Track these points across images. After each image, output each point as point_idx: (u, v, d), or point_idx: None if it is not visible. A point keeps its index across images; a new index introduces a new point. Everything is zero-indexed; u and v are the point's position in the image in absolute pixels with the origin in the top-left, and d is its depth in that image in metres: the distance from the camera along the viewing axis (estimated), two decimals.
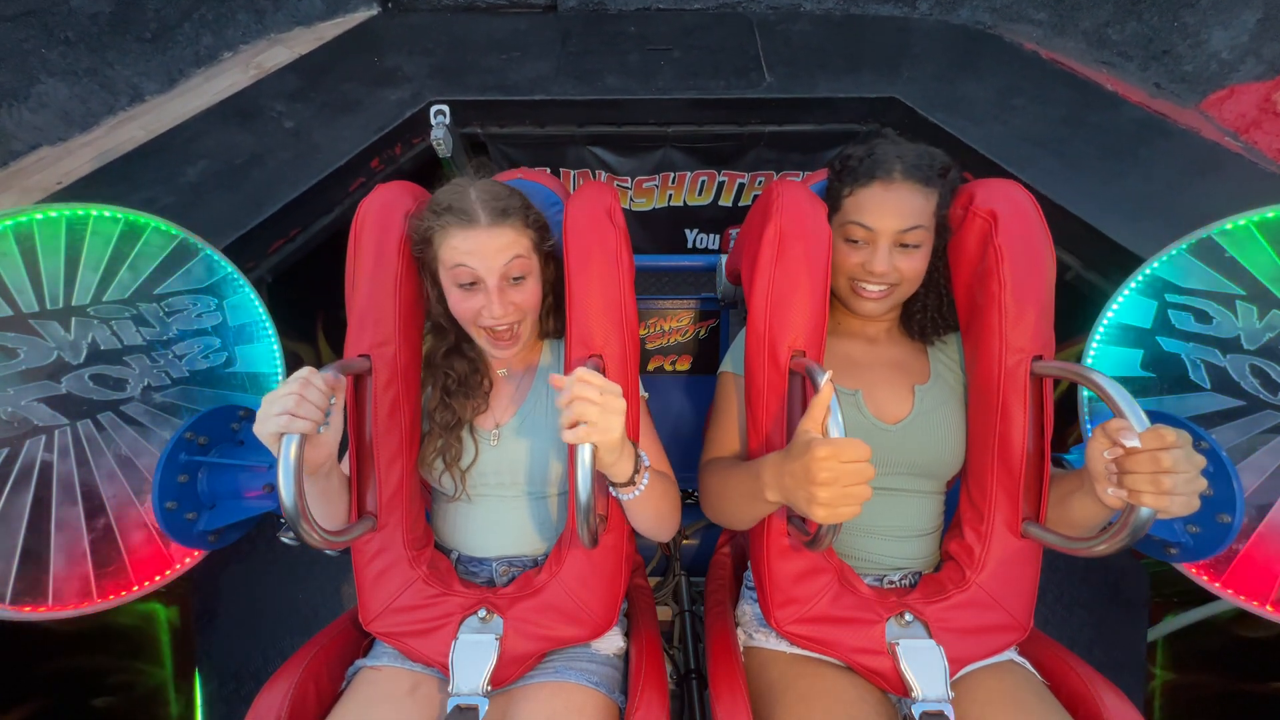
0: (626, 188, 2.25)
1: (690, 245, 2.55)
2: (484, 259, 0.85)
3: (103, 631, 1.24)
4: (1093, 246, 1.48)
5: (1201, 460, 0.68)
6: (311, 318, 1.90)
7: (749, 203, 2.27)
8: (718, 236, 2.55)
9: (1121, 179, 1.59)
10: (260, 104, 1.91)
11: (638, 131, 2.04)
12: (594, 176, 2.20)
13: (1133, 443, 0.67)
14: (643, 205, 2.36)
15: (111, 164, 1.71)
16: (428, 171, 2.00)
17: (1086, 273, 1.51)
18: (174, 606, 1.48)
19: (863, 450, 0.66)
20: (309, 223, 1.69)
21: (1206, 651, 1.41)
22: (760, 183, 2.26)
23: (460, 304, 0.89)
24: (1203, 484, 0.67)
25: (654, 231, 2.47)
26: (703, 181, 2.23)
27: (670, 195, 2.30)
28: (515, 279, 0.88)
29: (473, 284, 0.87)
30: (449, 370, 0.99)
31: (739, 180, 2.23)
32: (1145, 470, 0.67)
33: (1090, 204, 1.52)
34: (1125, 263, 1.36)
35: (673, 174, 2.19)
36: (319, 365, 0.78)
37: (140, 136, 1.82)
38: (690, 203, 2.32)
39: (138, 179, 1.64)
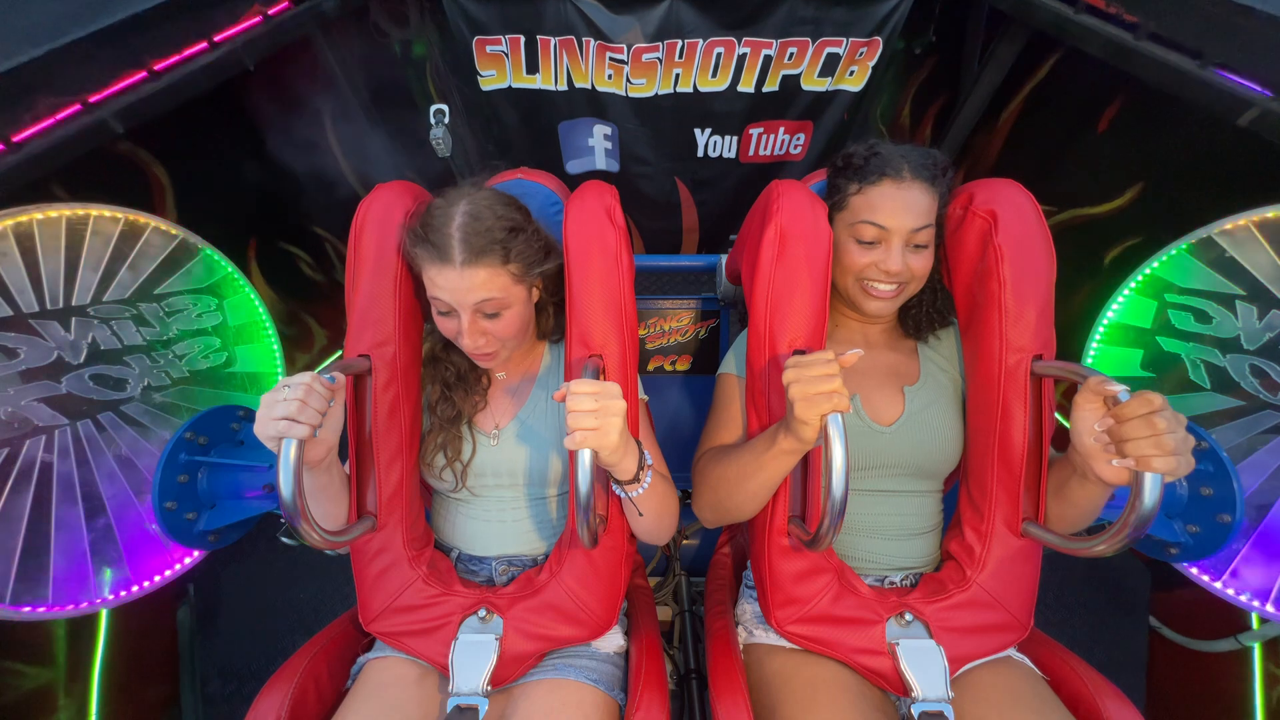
0: (622, 61, 1.74)
1: (702, 152, 2.04)
2: (455, 295, 0.84)
3: None
4: None
5: (1185, 418, 0.69)
6: (240, 241, 1.53)
7: (775, 88, 1.81)
8: (735, 140, 2.00)
9: None
10: None
11: None
12: (580, 45, 1.72)
13: (1123, 395, 0.69)
14: (641, 89, 1.81)
15: None
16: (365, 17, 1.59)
17: None
18: None
19: (823, 354, 0.73)
20: (177, 55, 1.25)
21: None
22: (791, 55, 1.72)
23: (440, 323, 0.90)
24: (1193, 441, 0.68)
25: (655, 129, 1.95)
26: (719, 55, 1.74)
27: (677, 75, 1.79)
28: (490, 315, 0.87)
29: (449, 312, 0.87)
30: (449, 364, 1.01)
31: (764, 51, 1.73)
32: (1145, 434, 0.67)
33: None
34: None
35: (681, 42, 1.70)
36: None
37: None
38: (701, 87, 1.81)
39: None
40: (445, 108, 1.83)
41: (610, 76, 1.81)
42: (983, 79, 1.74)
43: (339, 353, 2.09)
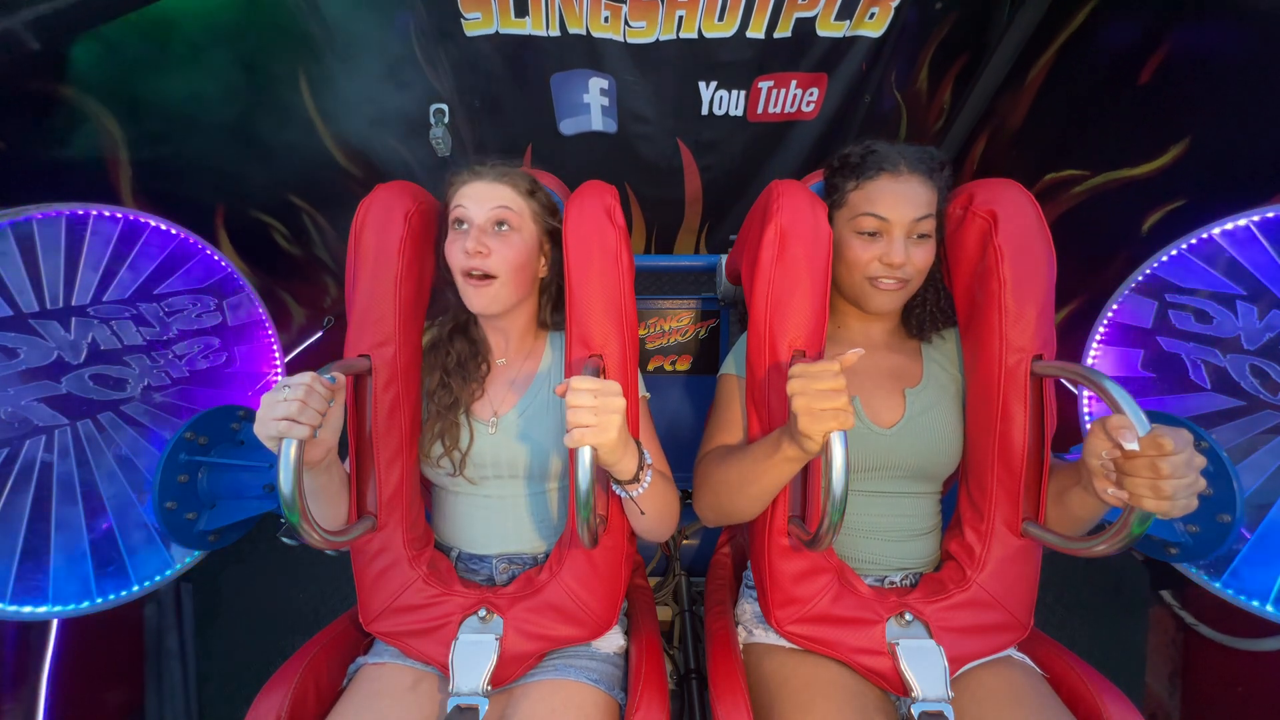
0: (619, 0, 1.61)
1: (706, 110, 1.89)
2: (476, 202, 0.94)
3: None
4: None
5: (1202, 461, 0.69)
6: (207, 206, 1.40)
7: (787, 34, 1.67)
8: (743, 95, 1.85)
9: None
10: None
11: None
12: None
13: (1131, 445, 0.67)
14: (641, 33, 1.68)
15: None
16: None
17: None
18: None
19: (829, 365, 0.72)
20: None
21: None
22: None
23: (450, 245, 0.96)
24: (1202, 484, 0.68)
25: (658, 84, 1.80)
26: None
27: (680, 19, 1.64)
28: (500, 226, 0.95)
29: (464, 226, 0.95)
30: (450, 349, 1.02)
31: None
32: (1144, 475, 0.67)
33: None
34: None
35: None
36: None
37: None
38: (707, 32, 1.67)
39: None
40: (445, 107, 1.81)
41: (607, 19, 1.66)
42: (1012, 27, 1.62)
43: (319, 333, 2.01)
